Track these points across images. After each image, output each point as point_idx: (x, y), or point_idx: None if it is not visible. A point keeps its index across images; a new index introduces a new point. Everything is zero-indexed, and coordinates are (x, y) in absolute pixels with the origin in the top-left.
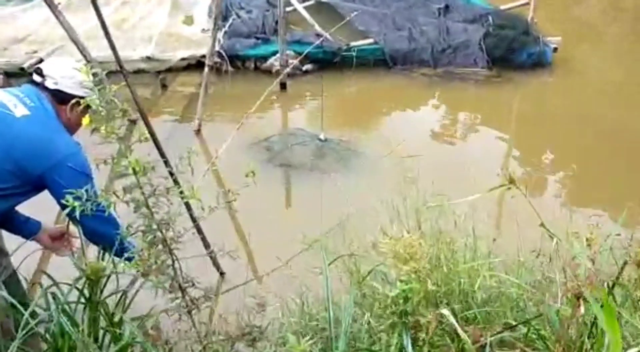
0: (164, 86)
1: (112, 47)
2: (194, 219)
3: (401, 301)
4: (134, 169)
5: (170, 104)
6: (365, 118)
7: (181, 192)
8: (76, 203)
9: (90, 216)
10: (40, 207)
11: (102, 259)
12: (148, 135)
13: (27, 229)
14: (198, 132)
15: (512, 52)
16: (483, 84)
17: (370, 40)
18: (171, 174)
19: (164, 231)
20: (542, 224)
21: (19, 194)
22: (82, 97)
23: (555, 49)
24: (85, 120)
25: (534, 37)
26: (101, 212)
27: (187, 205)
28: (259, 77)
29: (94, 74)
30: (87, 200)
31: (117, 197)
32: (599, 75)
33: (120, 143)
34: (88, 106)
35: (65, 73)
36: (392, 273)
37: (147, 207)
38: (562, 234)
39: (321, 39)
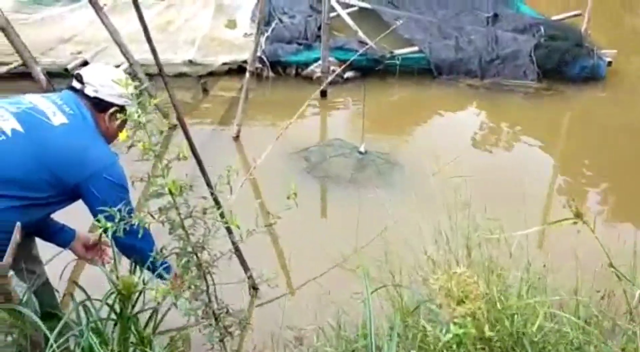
0: (205, 90)
1: (153, 51)
2: (233, 243)
3: (454, 346)
4: (170, 190)
5: (210, 108)
6: (407, 130)
7: (221, 215)
8: (109, 224)
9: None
10: (74, 214)
11: (134, 273)
12: (187, 154)
13: (61, 237)
14: (237, 138)
15: (564, 65)
16: (533, 97)
17: (415, 49)
18: (211, 193)
19: (199, 254)
20: (611, 265)
21: (55, 203)
22: (122, 107)
23: (609, 63)
24: (122, 135)
25: (587, 49)
26: (134, 227)
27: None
28: (299, 84)
29: (137, 83)
30: (120, 220)
31: (153, 217)
32: None
33: (157, 161)
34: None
35: (105, 81)
36: (443, 313)
37: (184, 229)
38: (625, 269)
39: (366, 46)
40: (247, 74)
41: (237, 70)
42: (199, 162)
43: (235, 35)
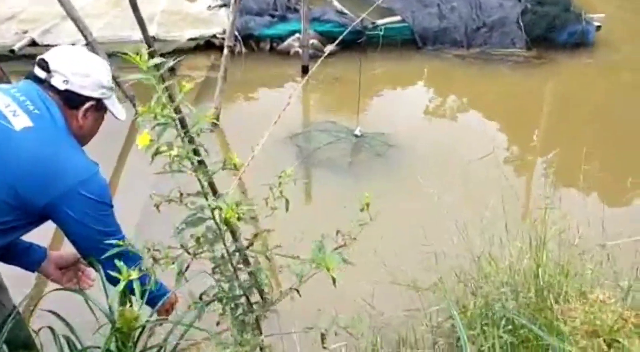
0: (172, 70)
1: (141, 23)
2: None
3: None
4: (226, 220)
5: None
6: (398, 106)
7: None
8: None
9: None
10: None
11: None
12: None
13: (29, 258)
14: (215, 124)
15: (552, 31)
16: (522, 66)
17: (397, 18)
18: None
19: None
20: None
21: (18, 228)
22: (99, 100)
23: (598, 28)
24: (143, 140)
25: (575, 14)
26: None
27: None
28: (275, 60)
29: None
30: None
31: (189, 253)
32: None
33: (200, 172)
34: (104, 109)
35: (79, 68)
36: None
37: (232, 266)
38: None
39: (358, 19)
40: (225, 50)
41: (204, 46)
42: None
43: (198, 9)
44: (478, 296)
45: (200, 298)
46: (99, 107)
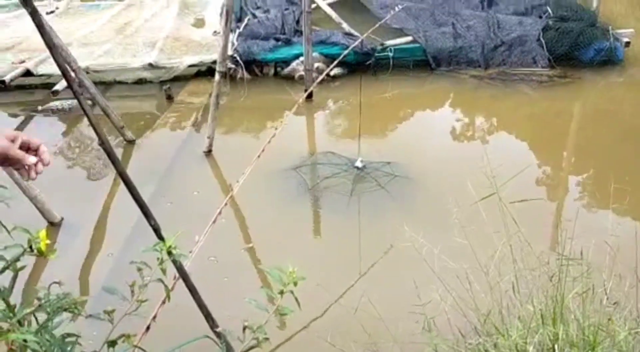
0: (170, 98)
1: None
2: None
3: None
4: None
5: (176, 118)
6: (408, 132)
7: None
8: None
9: None
10: None
11: None
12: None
13: None
14: (209, 153)
15: (577, 48)
16: (546, 85)
17: (409, 39)
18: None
19: None
20: None
21: None
22: None
23: (627, 44)
24: None
25: (602, 30)
26: None
27: None
28: (279, 85)
29: None
30: None
31: None
32: None
33: None
34: None
35: None
36: None
37: None
38: None
39: (358, 39)
40: (217, 76)
41: (206, 72)
42: (141, 206)
43: (202, 35)
44: None
45: None
46: None
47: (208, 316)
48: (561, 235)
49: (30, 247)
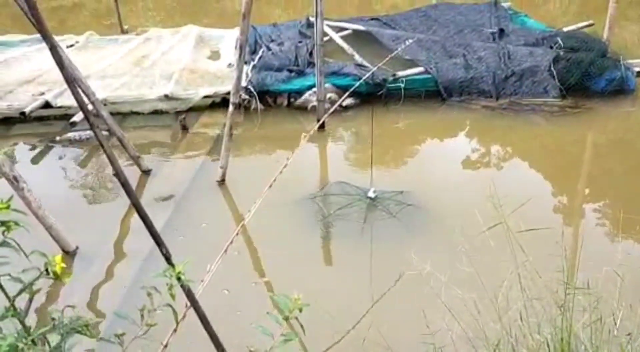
0: (185, 128)
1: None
2: None
3: None
4: None
5: (191, 148)
6: (419, 162)
7: None
8: None
9: None
10: None
11: None
12: None
13: None
14: (222, 183)
15: (588, 79)
16: (557, 115)
17: (420, 69)
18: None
19: None
20: None
21: None
22: None
23: (639, 73)
24: None
25: (613, 59)
26: None
27: None
28: (292, 115)
29: None
30: None
31: None
32: None
33: None
34: None
35: None
36: None
37: None
38: None
39: (370, 70)
40: (231, 107)
41: (221, 104)
42: (154, 236)
43: (218, 67)
44: None
45: None
46: None
47: (219, 347)
48: (569, 264)
49: (47, 270)
